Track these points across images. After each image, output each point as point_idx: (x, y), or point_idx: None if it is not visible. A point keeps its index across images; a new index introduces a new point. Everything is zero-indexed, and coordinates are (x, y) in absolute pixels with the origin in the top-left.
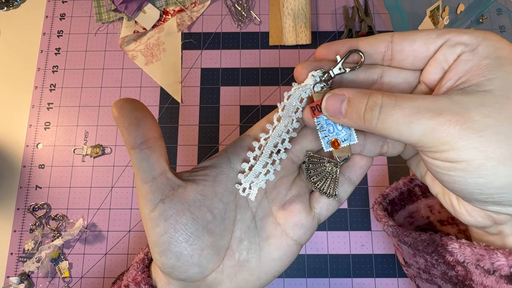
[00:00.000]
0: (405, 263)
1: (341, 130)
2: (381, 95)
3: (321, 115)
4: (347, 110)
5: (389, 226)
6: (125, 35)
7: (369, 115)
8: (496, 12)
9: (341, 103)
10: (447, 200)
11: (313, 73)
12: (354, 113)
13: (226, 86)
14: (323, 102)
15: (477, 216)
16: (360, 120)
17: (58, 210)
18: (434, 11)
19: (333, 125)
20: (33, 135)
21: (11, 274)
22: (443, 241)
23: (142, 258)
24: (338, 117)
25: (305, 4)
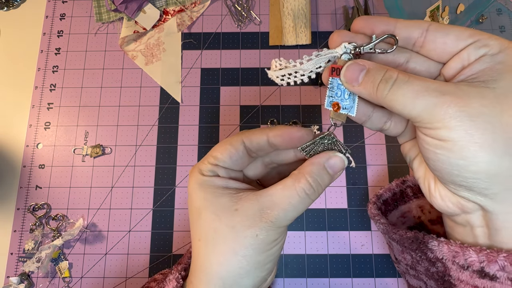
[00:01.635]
0: (396, 260)
1: (346, 99)
2: (398, 71)
3: (337, 78)
4: (364, 79)
5: (380, 224)
6: (125, 35)
7: (382, 85)
8: (496, 12)
9: (360, 72)
10: (426, 184)
11: (345, 44)
12: (369, 82)
13: (226, 86)
14: (344, 68)
15: (448, 202)
16: (373, 89)
17: (58, 210)
18: (434, 11)
19: (342, 91)
20: (33, 135)
21: (11, 274)
22: (424, 239)
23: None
24: (353, 84)
25: (305, 4)
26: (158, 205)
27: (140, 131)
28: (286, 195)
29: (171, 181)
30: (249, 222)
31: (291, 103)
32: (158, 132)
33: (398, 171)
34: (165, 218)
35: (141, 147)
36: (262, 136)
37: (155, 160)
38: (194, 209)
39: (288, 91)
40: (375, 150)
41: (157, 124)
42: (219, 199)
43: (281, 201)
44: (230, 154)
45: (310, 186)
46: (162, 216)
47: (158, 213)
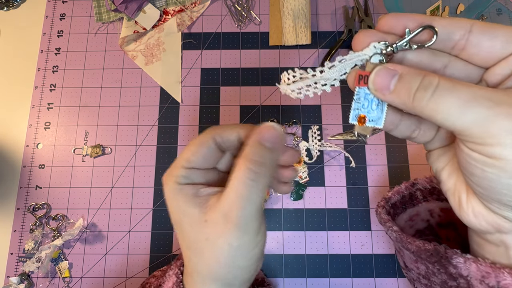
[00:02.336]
0: (405, 267)
1: (374, 110)
2: (438, 76)
3: (364, 87)
4: (396, 86)
5: (393, 231)
6: (125, 35)
7: (421, 94)
8: (496, 12)
9: (391, 78)
10: (456, 197)
11: (375, 44)
12: (404, 90)
13: (226, 86)
14: (372, 74)
15: (482, 220)
16: (409, 97)
17: (58, 210)
18: (434, 11)
19: (370, 101)
20: (33, 135)
21: (11, 274)
22: (447, 253)
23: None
24: (384, 92)
25: (305, 4)
26: (158, 205)
27: (140, 131)
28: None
29: None
30: (218, 231)
31: (291, 103)
32: (158, 132)
33: (398, 171)
34: (165, 218)
35: (141, 147)
36: (233, 133)
37: (155, 160)
38: (174, 219)
39: None
40: (375, 150)
41: (157, 124)
42: (191, 209)
43: (235, 199)
44: (203, 154)
45: (250, 171)
46: (162, 216)
47: (158, 213)
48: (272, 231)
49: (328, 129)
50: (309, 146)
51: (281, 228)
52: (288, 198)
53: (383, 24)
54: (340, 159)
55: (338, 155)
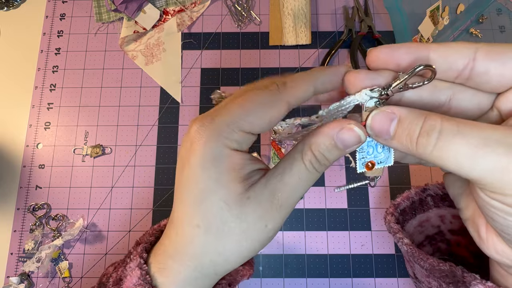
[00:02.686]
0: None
1: (380, 153)
2: (440, 118)
3: None
4: (396, 131)
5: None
6: (125, 35)
7: (423, 140)
8: (496, 12)
9: (390, 122)
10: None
11: (366, 92)
12: (404, 136)
13: (226, 86)
14: (369, 119)
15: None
16: (411, 144)
17: (58, 210)
18: (434, 11)
19: (374, 146)
20: (33, 135)
21: (11, 274)
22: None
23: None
24: (384, 137)
25: (305, 4)
26: (158, 205)
27: (140, 131)
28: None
29: (171, 181)
30: (260, 211)
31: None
32: (158, 132)
33: (398, 171)
34: (164, 218)
35: (141, 147)
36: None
37: (155, 160)
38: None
39: None
40: None
41: (157, 124)
42: (233, 184)
43: (290, 180)
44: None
45: (316, 160)
46: (162, 216)
47: (158, 213)
48: None
49: None
50: None
51: (281, 228)
52: None
53: (374, 59)
54: (340, 159)
55: None
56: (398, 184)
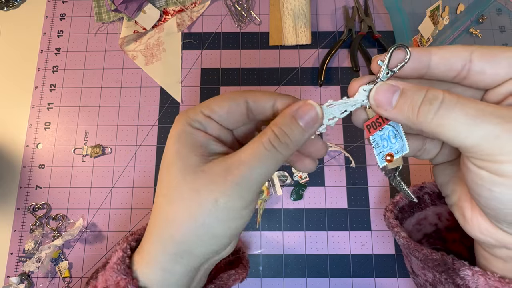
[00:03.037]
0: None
1: (394, 143)
2: (442, 91)
3: (376, 132)
4: (399, 101)
5: (400, 238)
6: (125, 35)
7: (425, 107)
8: (496, 12)
9: (393, 94)
10: (460, 212)
11: (364, 87)
12: (407, 105)
13: (226, 86)
14: (373, 90)
15: (489, 237)
16: (413, 112)
17: (58, 210)
18: (434, 11)
19: (387, 139)
20: (33, 135)
21: (11, 274)
22: (455, 265)
23: (122, 257)
24: (385, 108)
25: (305, 4)
26: None
27: (140, 131)
28: (251, 150)
29: None
30: (212, 185)
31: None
32: (158, 132)
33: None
34: None
35: (141, 147)
36: (270, 100)
37: (155, 160)
38: (165, 160)
39: (288, 91)
40: None
41: (157, 124)
42: (191, 156)
43: (247, 157)
44: (229, 109)
45: (275, 136)
46: None
47: None
48: (272, 231)
49: (328, 129)
50: None
51: (281, 228)
52: (288, 198)
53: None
54: (340, 159)
55: (338, 155)
56: None
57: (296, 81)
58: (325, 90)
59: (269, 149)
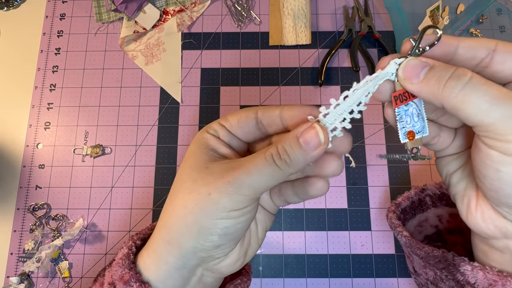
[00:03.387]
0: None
1: (416, 122)
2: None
3: (402, 106)
4: (427, 74)
5: (403, 236)
6: (125, 35)
7: (453, 82)
8: (496, 12)
9: (422, 68)
10: (465, 202)
11: (395, 60)
12: (434, 79)
13: (226, 86)
14: (403, 63)
15: (490, 224)
16: (439, 86)
17: (58, 210)
18: (434, 11)
19: (411, 116)
20: (33, 135)
21: (11, 274)
22: (455, 261)
23: (127, 254)
24: (412, 81)
25: (305, 4)
26: (158, 205)
27: (140, 131)
28: (253, 158)
29: (171, 181)
30: (210, 178)
31: (291, 103)
32: (158, 132)
33: (398, 171)
34: None
35: (141, 147)
36: (276, 110)
37: (155, 160)
38: (183, 159)
39: (288, 91)
40: (375, 150)
41: (157, 124)
42: (200, 154)
43: (247, 163)
44: (239, 119)
45: (277, 152)
46: None
47: (158, 213)
48: (272, 231)
49: None
50: None
51: (281, 228)
52: None
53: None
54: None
55: None
56: (398, 184)
57: (296, 81)
58: (325, 90)
59: (269, 162)
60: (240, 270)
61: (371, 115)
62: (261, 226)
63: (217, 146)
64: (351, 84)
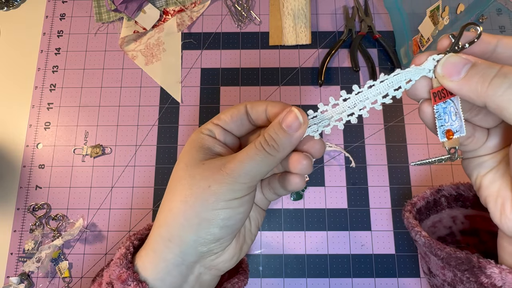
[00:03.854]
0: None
1: (454, 121)
2: None
3: (441, 103)
4: (469, 72)
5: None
6: (125, 35)
7: (499, 80)
8: (496, 12)
9: (463, 65)
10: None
11: (434, 56)
12: (477, 77)
13: (226, 86)
14: (443, 59)
15: None
16: (483, 84)
17: (58, 210)
18: (434, 11)
19: (449, 114)
20: (33, 135)
21: (11, 274)
22: (480, 263)
23: (124, 253)
24: (452, 78)
25: (305, 4)
26: (158, 205)
27: (140, 131)
28: (246, 149)
29: None
30: (208, 173)
31: (291, 103)
32: (158, 132)
33: (398, 171)
34: None
35: (141, 147)
36: (262, 105)
37: (155, 160)
38: (177, 161)
39: (288, 91)
40: (375, 150)
41: (157, 124)
42: (196, 152)
43: (240, 155)
44: (232, 114)
45: (264, 140)
46: None
47: None
48: (272, 231)
49: None
50: None
51: (281, 228)
52: (288, 198)
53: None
54: (340, 159)
55: (338, 155)
56: (398, 184)
57: (296, 81)
58: (325, 90)
59: (260, 150)
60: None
61: (371, 115)
62: (254, 222)
63: (212, 145)
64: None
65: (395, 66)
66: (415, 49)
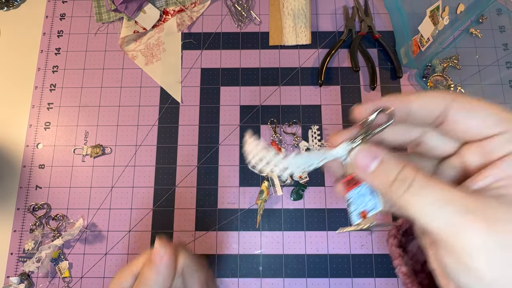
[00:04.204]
0: None
1: (369, 200)
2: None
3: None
4: (377, 168)
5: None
6: (125, 35)
7: (397, 184)
8: (496, 12)
9: (373, 160)
10: None
11: (347, 144)
12: (383, 175)
13: (226, 86)
14: (355, 150)
15: None
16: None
17: (58, 210)
18: (434, 11)
19: (363, 195)
20: (33, 135)
21: (11, 274)
22: None
23: None
24: (365, 171)
25: (305, 4)
26: (158, 205)
27: (140, 131)
28: None
29: (171, 181)
30: None
31: (291, 103)
32: (158, 132)
33: None
34: (165, 218)
35: (141, 147)
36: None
37: (155, 160)
38: None
39: (288, 91)
40: None
41: (157, 124)
42: None
43: None
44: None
45: None
46: (162, 216)
47: (158, 213)
48: (272, 231)
49: (328, 129)
50: (309, 146)
51: (281, 228)
52: (288, 198)
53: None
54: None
55: None
56: None
57: (296, 81)
58: (325, 90)
59: None
60: None
61: None
62: None
63: None
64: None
65: (395, 66)
66: (415, 49)
